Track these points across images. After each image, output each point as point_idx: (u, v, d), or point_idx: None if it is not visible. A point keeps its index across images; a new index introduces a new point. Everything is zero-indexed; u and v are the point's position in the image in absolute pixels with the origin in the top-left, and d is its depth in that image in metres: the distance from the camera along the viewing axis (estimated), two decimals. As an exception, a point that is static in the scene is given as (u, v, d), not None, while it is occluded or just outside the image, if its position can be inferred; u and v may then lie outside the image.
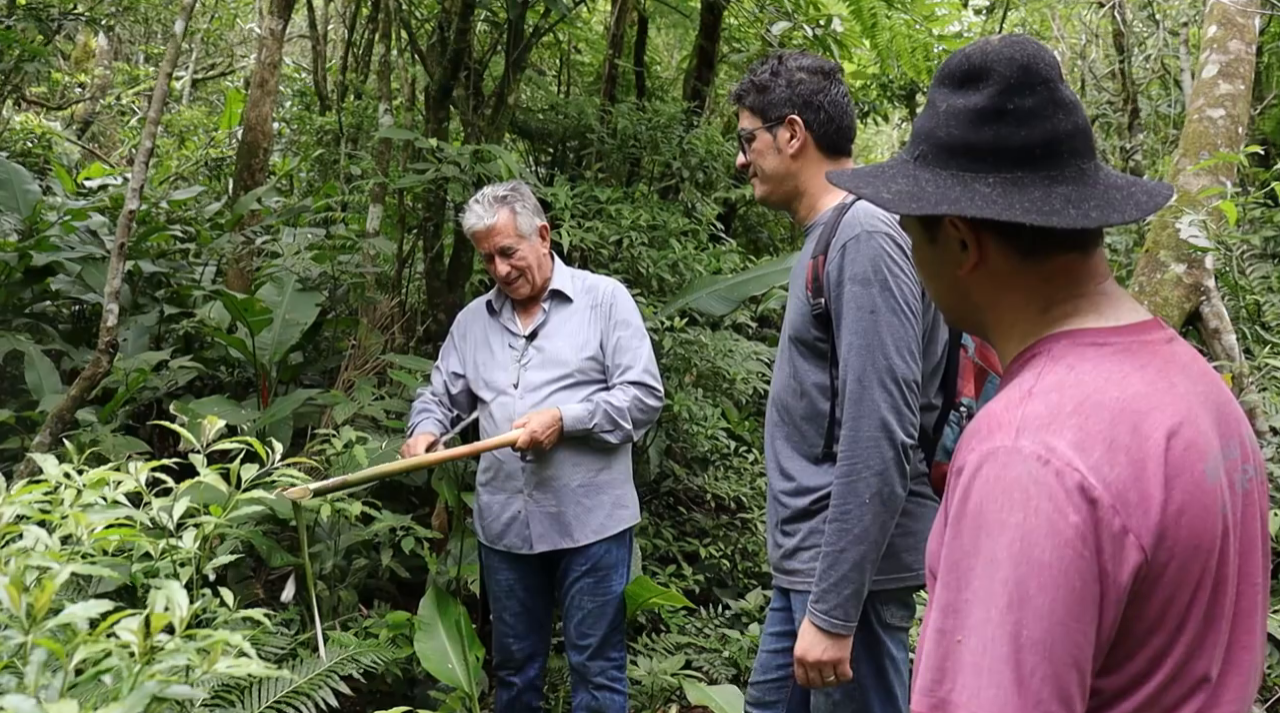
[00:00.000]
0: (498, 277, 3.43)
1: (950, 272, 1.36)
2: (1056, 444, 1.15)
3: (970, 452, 1.21)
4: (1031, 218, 1.23)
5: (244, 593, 4.36)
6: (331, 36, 11.12)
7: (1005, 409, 1.22)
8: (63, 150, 11.43)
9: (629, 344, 3.42)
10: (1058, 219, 1.23)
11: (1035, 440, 1.16)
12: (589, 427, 3.28)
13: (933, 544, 1.31)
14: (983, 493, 1.17)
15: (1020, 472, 1.15)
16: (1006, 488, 1.15)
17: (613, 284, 3.54)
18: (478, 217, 3.40)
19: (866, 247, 2.23)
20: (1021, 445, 1.16)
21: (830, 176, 1.45)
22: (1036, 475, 1.14)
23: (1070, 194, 1.26)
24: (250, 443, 1.99)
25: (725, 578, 5.32)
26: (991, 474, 1.17)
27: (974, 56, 1.32)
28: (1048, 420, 1.17)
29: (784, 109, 2.44)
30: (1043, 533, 1.12)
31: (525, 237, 3.40)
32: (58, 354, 6.26)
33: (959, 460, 1.24)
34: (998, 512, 1.15)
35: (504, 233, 3.37)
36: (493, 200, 3.41)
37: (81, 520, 1.58)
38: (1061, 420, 1.17)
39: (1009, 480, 1.15)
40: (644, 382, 3.38)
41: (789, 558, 2.43)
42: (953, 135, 1.31)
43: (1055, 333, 1.30)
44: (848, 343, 2.23)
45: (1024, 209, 1.24)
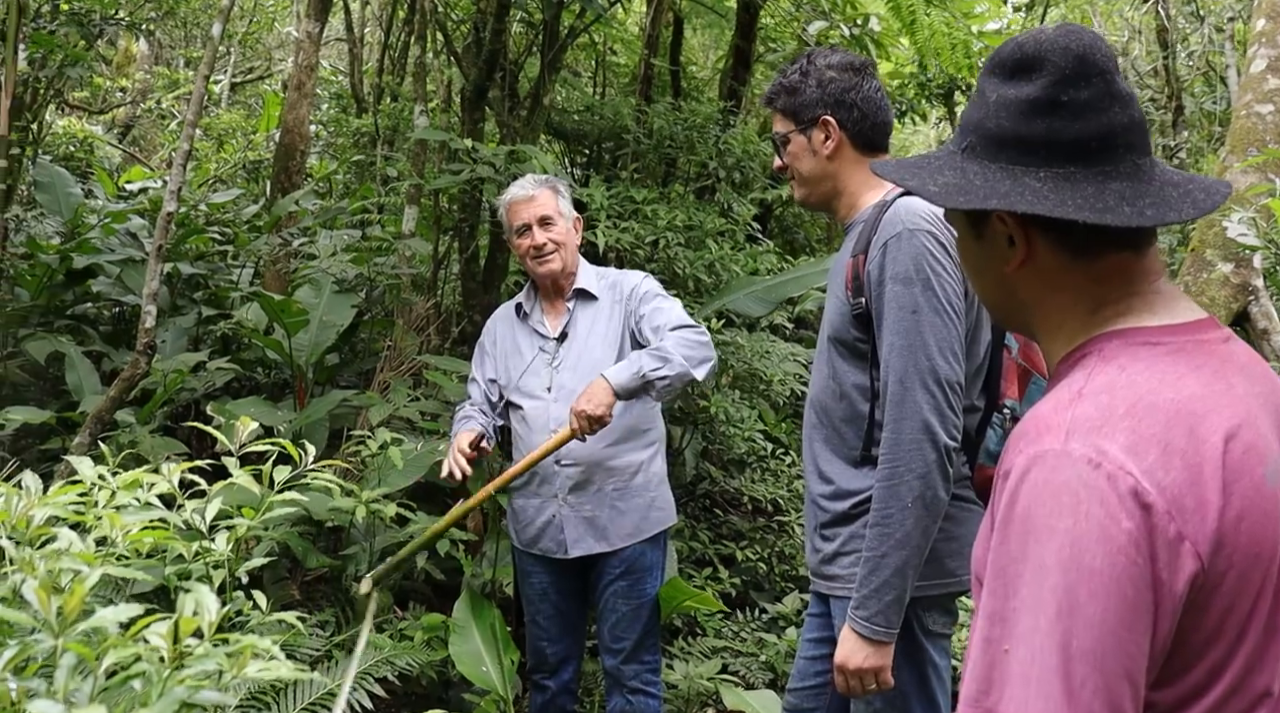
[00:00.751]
0: (531, 247, 3.37)
1: (996, 268, 1.32)
2: (1108, 447, 1.10)
3: (1018, 455, 1.17)
4: (1084, 215, 1.18)
5: (280, 594, 4.36)
6: (368, 39, 11.16)
7: (1054, 411, 1.18)
8: (104, 154, 11.56)
9: (657, 310, 3.31)
10: (1112, 217, 1.18)
11: (1086, 443, 1.11)
12: (636, 370, 3.05)
13: (978, 550, 1.27)
14: (1031, 497, 1.13)
15: (1070, 475, 1.10)
16: (1056, 492, 1.11)
17: (636, 273, 3.51)
18: (521, 187, 3.42)
19: (908, 245, 2.18)
20: (1071, 448, 1.12)
21: (875, 167, 1.41)
22: (1087, 479, 1.09)
23: (1125, 191, 1.21)
24: (283, 445, 1.97)
25: (762, 581, 5.28)
26: (1040, 478, 1.13)
27: (1027, 45, 1.27)
28: (1099, 423, 1.13)
29: (816, 110, 2.40)
30: (1094, 539, 1.07)
31: (564, 216, 3.42)
32: (98, 355, 6.31)
33: (1006, 464, 1.19)
34: (1047, 517, 1.10)
35: (546, 205, 3.38)
36: (536, 180, 3.45)
37: (116, 523, 1.57)
38: (1114, 423, 1.13)
39: (1058, 484, 1.11)
40: (681, 324, 3.23)
41: (828, 563, 2.39)
42: (1003, 127, 1.26)
43: (1106, 332, 1.25)
44: (889, 343, 2.19)
45: (1077, 206, 1.19)
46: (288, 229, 6.84)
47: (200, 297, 7.03)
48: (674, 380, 3.10)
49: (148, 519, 1.76)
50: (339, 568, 4.24)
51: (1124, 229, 1.21)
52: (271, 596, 4.39)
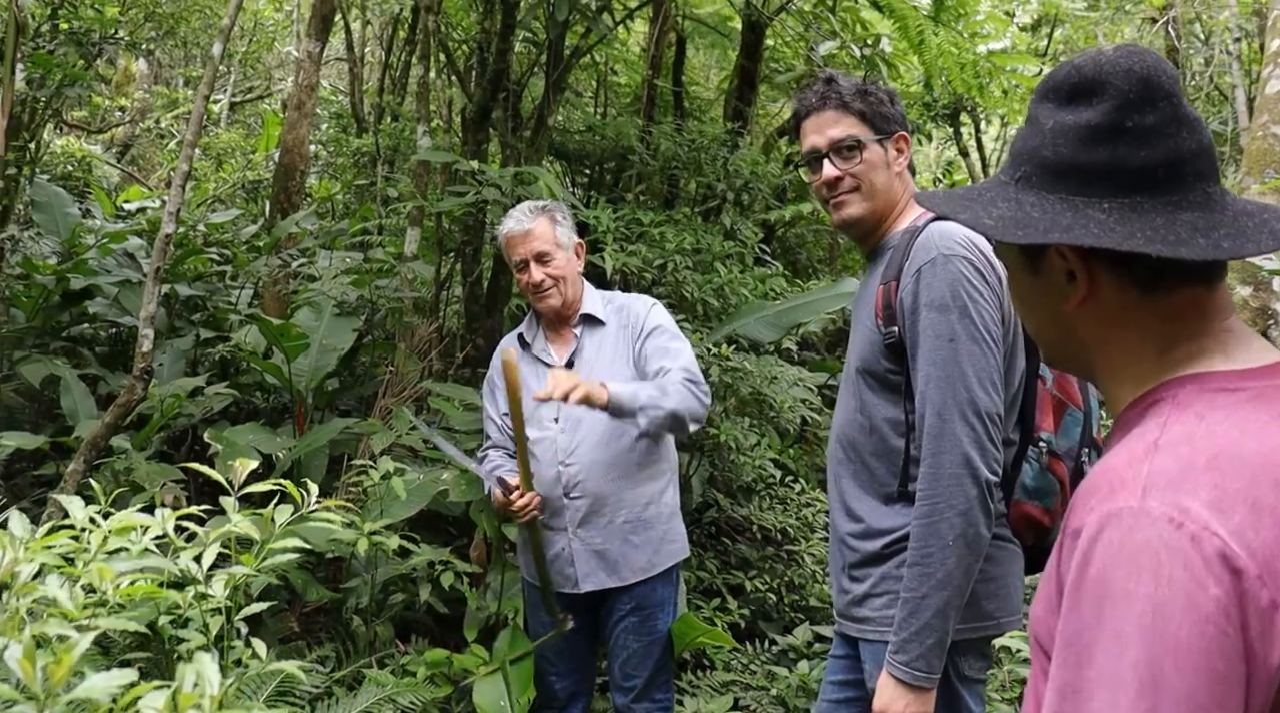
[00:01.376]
0: (530, 285, 3.28)
1: (1054, 306, 1.22)
2: (1190, 505, 1.00)
3: (1089, 512, 1.07)
4: (1157, 248, 1.09)
5: (278, 627, 4.25)
6: (369, 59, 11.11)
7: (1128, 464, 1.07)
8: (102, 174, 11.48)
9: (664, 347, 3.21)
10: (1186, 250, 1.09)
11: (1165, 500, 1.01)
12: (636, 398, 2.98)
13: (1039, 610, 1.17)
14: (1106, 559, 1.02)
15: (1149, 536, 1.00)
16: (1134, 554, 1.00)
17: (644, 300, 3.40)
18: (516, 221, 3.29)
19: (944, 271, 2.09)
20: (1150, 506, 1.02)
21: (920, 198, 1.31)
22: (1169, 540, 0.99)
23: (1197, 222, 1.12)
24: (285, 485, 1.86)
25: (771, 612, 5.16)
26: (1116, 538, 1.02)
27: (1085, 68, 1.18)
28: (1179, 477, 1.03)
29: (893, 125, 2.33)
30: (1179, 607, 0.97)
31: (563, 247, 3.29)
32: (94, 378, 6.21)
33: (1075, 521, 1.09)
34: (1124, 581, 1.00)
35: (542, 238, 3.26)
36: (532, 209, 3.32)
37: (107, 575, 1.46)
38: (1195, 477, 1.02)
39: (1136, 546, 1.00)
40: (687, 376, 3.12)
41: (858, 605, 2.28)
42: (1061, 155, 1.17)
43: (1179, 376, 1.15)
44: (925, 374, 2.09)
45: (1147, 238, 1.10)
46: (287, 251, 6.74)
47: (199, 319, 6.93)
48: (662, 421, 3.04)
49: (139, 568, 1.65)
50: (339, 600, 4.12)
51: (1196, 263, 1.12)
52: (270, 628, 4.31)
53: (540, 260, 3.25)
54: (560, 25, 5.05)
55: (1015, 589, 2.24)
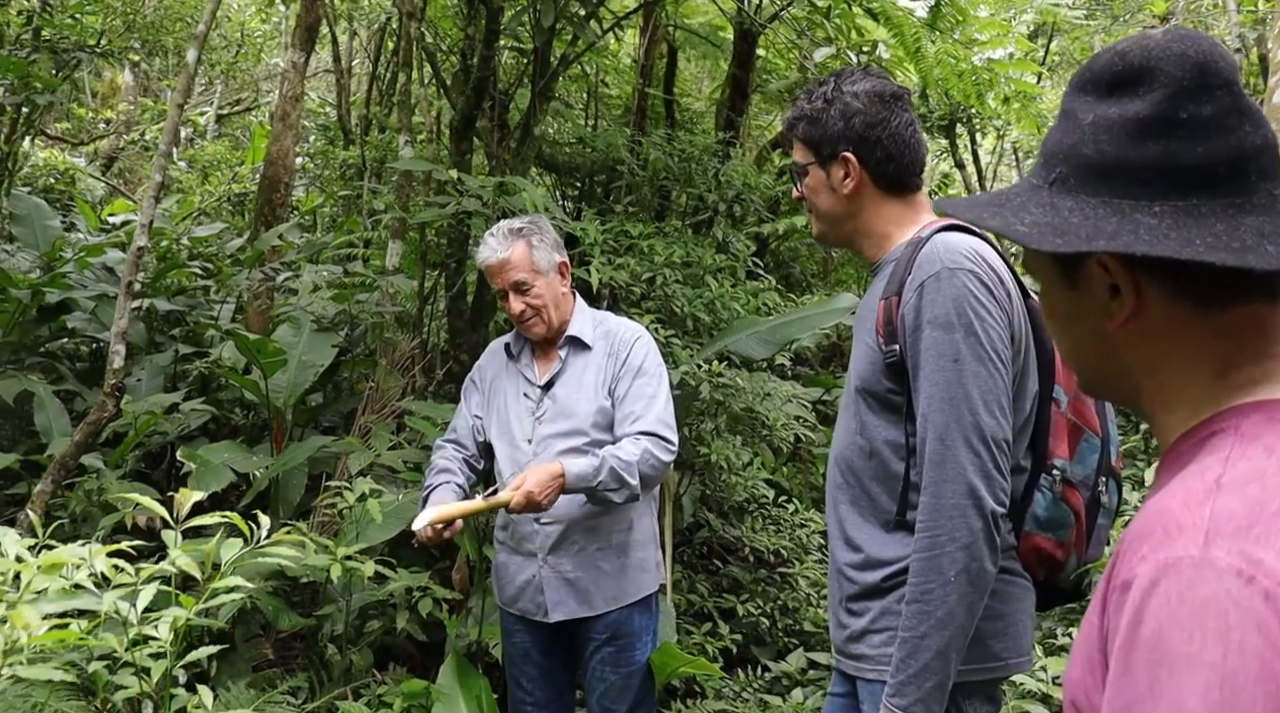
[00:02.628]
0: (511, 315, 3.15)
1: (1095, 324, 1.07)
2: (1263, 556, 0.84)
3: (1141, 561, 0.91)
4: (1220, 257, 0.94)
5: (251, 654, 4.09)
6: (356, 71, 10.98)
7: (1186, 506, 0.91)
8: (86, 187, 11.33)
9: (641, 391, 3.08)
10: (1254, 258, 0.94)
11: (1233, 550, 0.85)
12: (593, 485, 2.92)
13: (1075, 674, 1.01)
14: (1163, 618, 0.86)
15: (1215, 591, 0.84)
16: (1196, 613, 0.84)
17: (634, 329, 3.23)
18: (491, 250, 3.13)
19: (948, 286, 1.93)
20: (1214, 556, 0.86)
21: (941, 205, 1.16)
22: (1239, 597, 0.83)
23: (1263, 227, 0.97)
24: (232, 519, 1.71)
25: (764, 636, 4.99)
26: (1174, 593, 0.86)
27: (1131, 54, 1.04)
28: (1248, 523, 0.87)
29: (838, 145, 2.15)
30: (1252, 676, 0.81)
31: (542, 272, 3.12)
32: (70, 395, 6.06)
33: (1124, 572, 0.93)
34: (1186, 644, 0.84)
35: (519, 267, 3.09)
36: (508, 233, 3.14)
37: (19, 623, 1.30)
38: (1266, 523, 0.86)
39: (1199, 603, 0.84)
40: (656, 432, 3.02)
41: (855, 641, 2.12)
42: (1104, 153, 1.02)
43: (1241, 405, 1.00)
44: (927, 396, 1.93)
45: (1208, 246, 0.95)
46: (270, 264, 6.59)
47: (178, 334, 6.78)
48: (619, 498, 2.97)
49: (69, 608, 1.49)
50: (313, 627, 3.96)
51: (1260, 274, 0.97)
52: (244, 656, 4.14)
53: (519, 289, 3.10)
54: (546, 32, 4.92)
55: (1025, 628, 2.09)
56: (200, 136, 12.51)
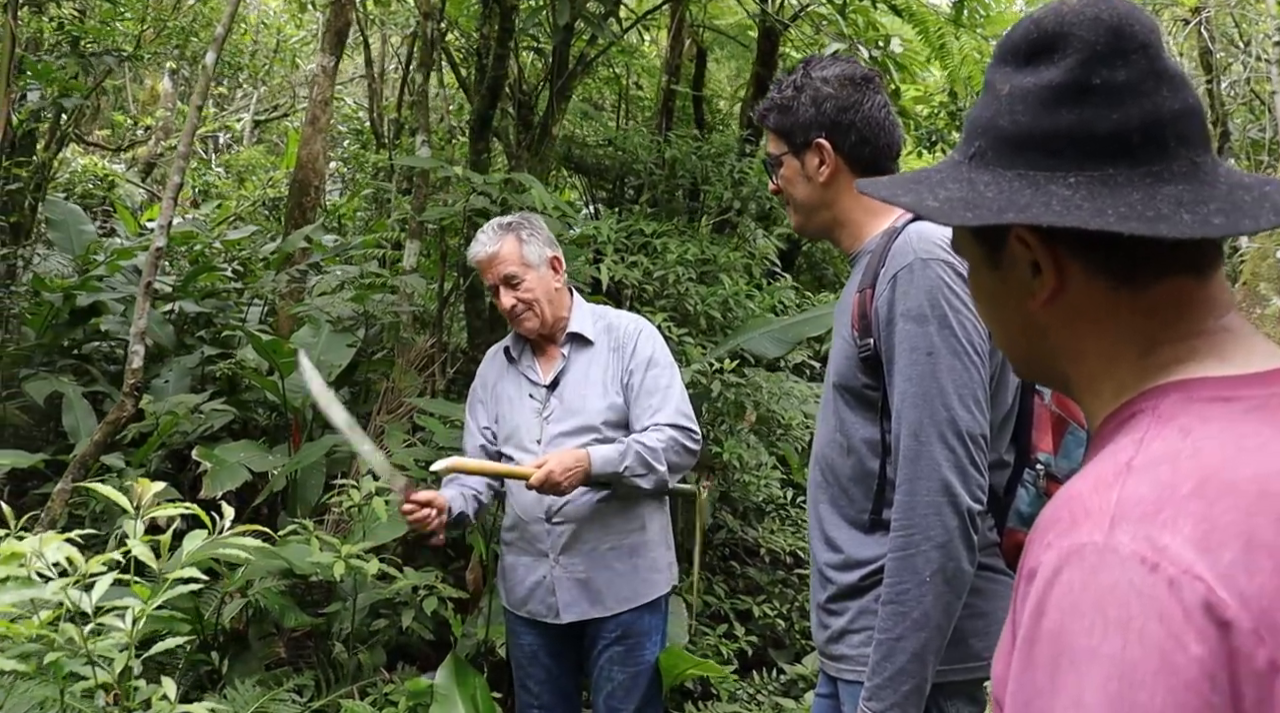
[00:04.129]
0: (503, 310, 3.14)
1: (1018, 304, 1.03)
2: (1169, 541, 0.79)
3: (1046, 549, 0.86)
4: (1131, 226, 0.89)
5: (265, 652, 4.11)
6: (390, 75, 11.06)
7: (1095, 490, 0.87)
8: (126, 192, 11.48)
9: (656, 383, 3.06)
10: (1166, 227, 0.89)
11: (1138, 535, 0.80)
12: (619, 470, 2.91)
13: (998, 668, 0.97)
14: (1064, 608, 0.82)
15: (1117, 579, 0.80)
16: (1098, 602, 0.80)
17: (635, 321, 3.21)
18: (481, 245, 3.12)
19: (921, 277, 1.89)
20: (1118, 542, 0.81)
21: (861, 185, 1.12)
22: (1141, 586, 0.78)
23: (1182, 195, 0.92)
24: (193, 509, 1.70)
25: (782, 638, 4.95)
26: (1076, 582, 0.82)
27: (1045, 21, 0.99)
28: (1155, 506, 0.82)
29: (810, 132, 2.10)
30: (1151, 669, 0.76)
31: (532, 266, 3.10)
32: (101, 396, 6.13)
33: (1031, 560, 0.89)
34: (1085, 635, 0.80)
35: (508, 261, 3.08)
36: (498, 228, 3.14)
37: (-45, 611, 1.30)
38: (1175, 507, 0.81)
39: (1101, 592, 0.80)
40: (680, 424, 3.01)
41: (835, 642, 2.08)
42: (1019, 124, 0.98)
43: (1162, 384, 0.95)
44: (901, 391, 1.89)
45: (1120, 215, 0.90)
46: (298, 266, 6.64)
47: (206, 336, 6.85)
48: (647, 487, 2.97)
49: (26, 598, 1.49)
50: (321, 627, 3.97)
51: (1182, 246, 0.92)
52: (256, 653, 4.16)
53: (509, 283, 3.09)
54: (563, 31, 4.90)
55: (1008, 627, 2.04)
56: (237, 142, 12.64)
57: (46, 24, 6.45)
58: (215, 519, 1.77)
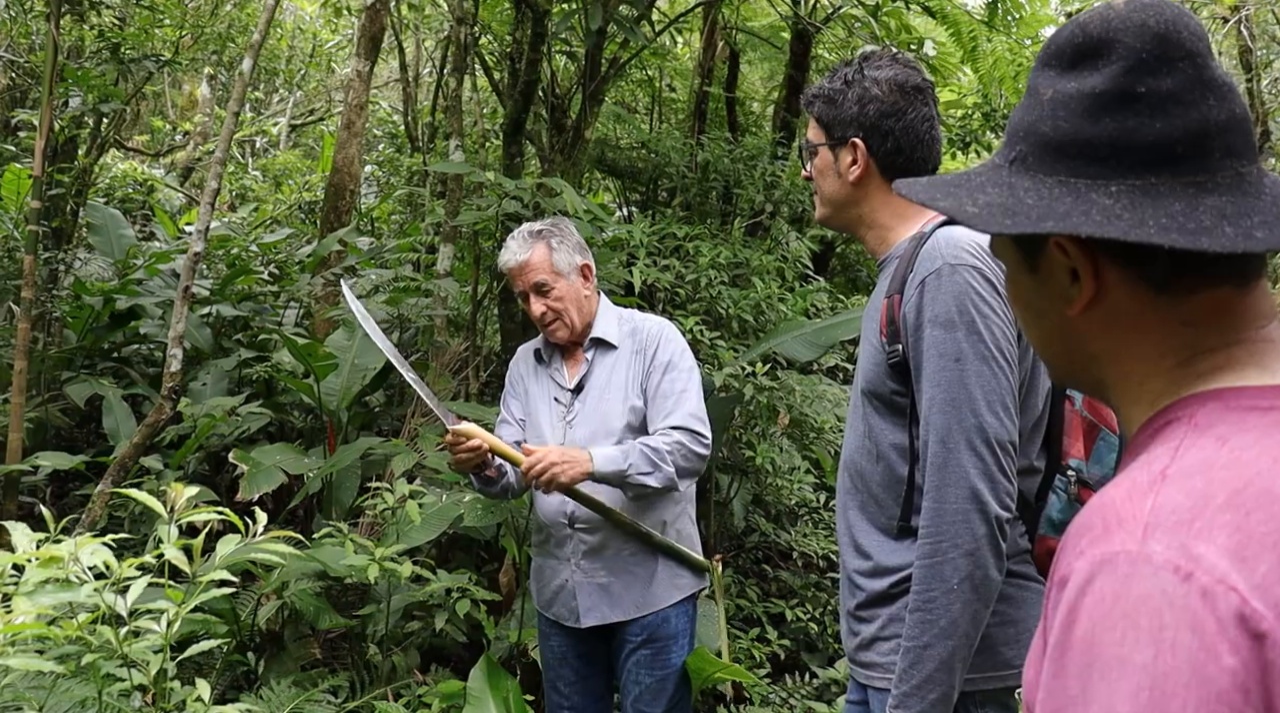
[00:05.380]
0: (533, 317, 3.15)
1: (1056, 311, 1.03)
2: (1203, 551, 0.79)
3: (1078, 557, 0.86)
4: (1172, 238, 0.89)
5: (301, 653, 4.15)
6: (425, 79, 11.13)
7: (1129, 498, 0.87)
8: (165, 197, 11.63)
9: (672, 387, 3.04)
10: (1208, 240, 0.89)
11: (1172, 545, 0.80)
12: (623, 468, 2.88)
13: (1029, 674, 0.97)
14: (1096, 617, 0.82)
15: (1150, 589, 0.79)
16: (1130, 612, 0.80)
17: (659, 323, 3.20)
18: (511, 252, 3.12)
19: (949, 283, 1.87)
20: (1152, 551, 0.81)
21: (899, 187, 1.12)
22: (1174, 595, 0.78)
23: (1225, 207, 0.91)
24: (226, 514, 1.73)
25: (814, 642, 4.94)
26: (1108, 590, 0.82)
27: (1091, 25, 0.99)
28: (1190, 516, 0.82)
29: (849, 130, 2.10)
30: (1183, 680, 0.76)
31: (562, 274, 3.10)
32: (140, 399, 6.22)
33: (1063, 567, 0.89)
34: (1117, 645, 0.79)
35: (538, 269, 3.08)
36: (528, 235, 3.13)
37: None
38: (1210, 516, 0.81)
39: (1133, 601, 0.80)
40: (688, 427, 2.97)
41: (865, 649, 2.07)
42: (1061, 130, 0.98)
43: (1200, 392, 0.95)
44: (929, 397, 1.88)
45: (1161, 227, 0.90)
46: (332, 269, 6.70)
47: (243, 339, 6.92)
48: (652, 489, 2.93)
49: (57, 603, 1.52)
50: (355, 628, 4.00)
51: (1224, 256, 0.92)
52: (292, 654, 4.21)
53: (539, 291, 3.09)
54: (596, 35, 4.92)
55: (1038, 635, 2.02)
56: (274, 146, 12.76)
57: (88, 32, 6.54)
58: (249, 523, 1.80)
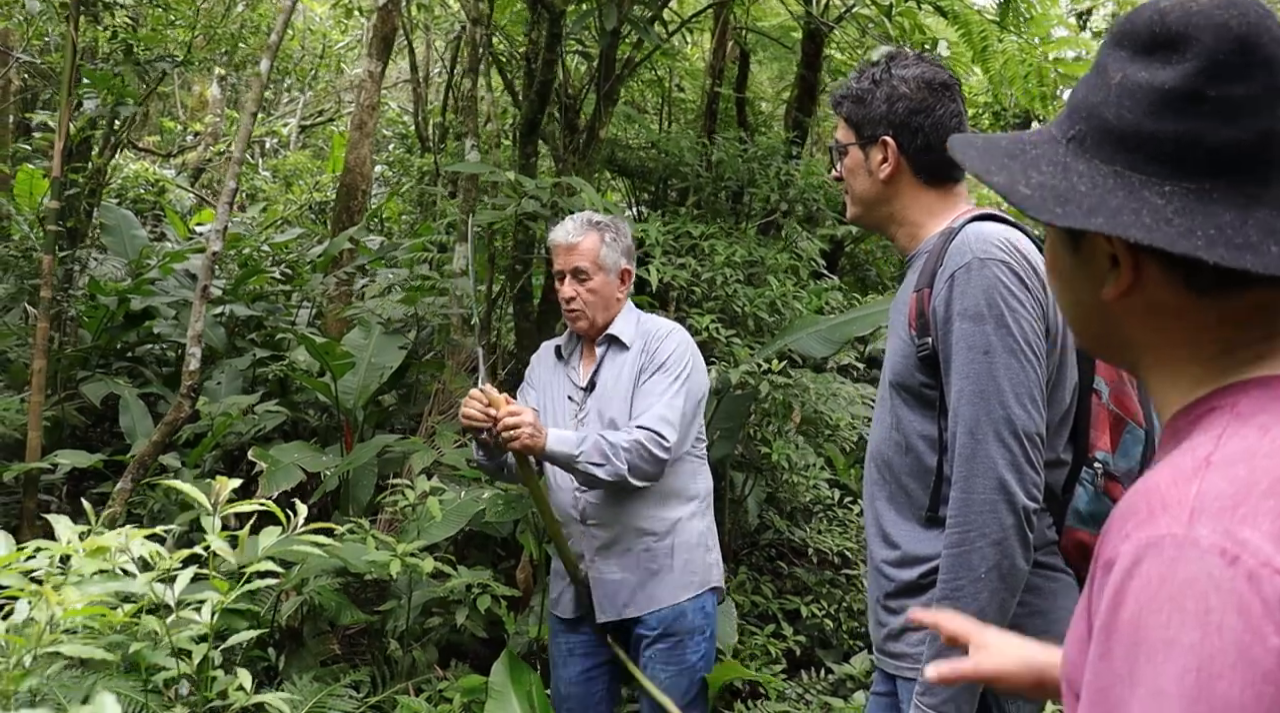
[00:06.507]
0: (561, 298, 3.16)
1: (1092, 291, 1.04)
2: (1248, 535, 0.81)
3: (1124, 540, 0.88)
4: (1218, 253, 0.90)
5: (320, 649, 4.18)
6: (435, 79, 11.16)
7: (1174, 483, 0.89)
8: (176, 197, 11.66)
9: (654, 387, 3.05)
10: (1253, 258, 0.90)
11: (1217, 529, 0.82)
12: (573, 453, 2.88)
13: (1071, 651, 0.99)
14: (1142, 599, 0.84)
15: (1196, 572, 0.81)
16: (1176, 594, 0.82)
17: (670, 327, 3.21)
18: (565, 231, 3.14)
19: (979, 277, 1.90)
20: (1198, 535, 0.83)
21: (953, 144, 1.11)
22: (1220, 578, 0.80)
23: (1274, 222, 0.92)
24: (269, 506, 1.75)
25: (829, 638, 4.96)
26: (1154, 573, 0.84)
27: (1171, 15, 0.97)
28: (1234, 501, 0.84)
29: (878, 128, 2.13)
30: (1229, 661, 0.78)
31: (604, 269, 3.12)
32: (155, 398, 6.25)
33: (1108, 550, 0.91)
34: (1164, 627, 0.81)
35: (585, 255, 3.10)
36: (587, 222, 3.16)
37: (53, 599, 1.36)
38: (1255, 502, 0.83)
39: (1180, 583, 0.82)
40: (653, 428, 2.95)
41: (894, 640, 2.10)
42: (1125, 120, 0.97)
43: (1242, 381, 0.96)
44: (958, 389, 1.91)
45: (1208, 239, 0.91)
46: (344, 268, 6.73)
47: (257, 338, 6.95)
48: (600, 481, 2.93)
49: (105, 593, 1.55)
50: (376, 623, 4.03)
51: None
52: (311, 649, 4.24)
53: (576, 276, 3.11)
54: (610, 35, 4.94)
55: (1066, 624, 2.05)
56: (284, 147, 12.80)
57: (101, 33, 6.57)
58: (290, 516, 1.83)
